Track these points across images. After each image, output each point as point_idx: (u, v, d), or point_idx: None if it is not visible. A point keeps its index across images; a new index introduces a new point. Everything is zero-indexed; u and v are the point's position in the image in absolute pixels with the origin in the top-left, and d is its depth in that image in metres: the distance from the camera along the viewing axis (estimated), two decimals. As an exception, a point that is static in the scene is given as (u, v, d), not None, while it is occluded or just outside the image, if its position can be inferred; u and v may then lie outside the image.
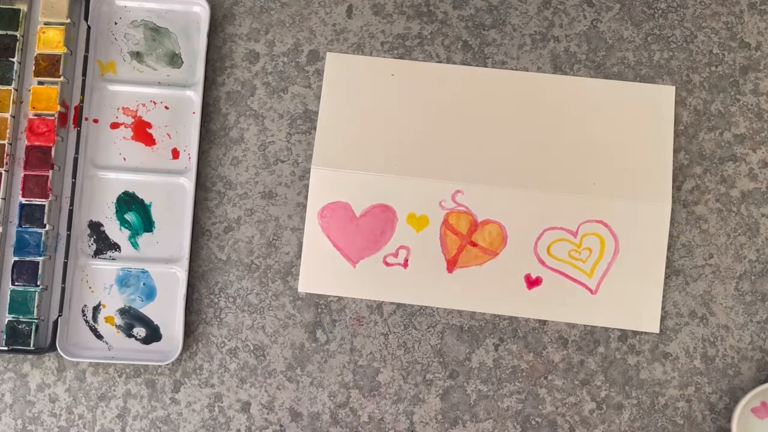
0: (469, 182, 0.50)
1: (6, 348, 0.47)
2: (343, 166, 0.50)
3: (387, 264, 0.49)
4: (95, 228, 0.49)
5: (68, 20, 0.49)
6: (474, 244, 0.49)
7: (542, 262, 0.49)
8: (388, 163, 0.50)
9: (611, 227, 0.49)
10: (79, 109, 0.50)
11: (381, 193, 0.50)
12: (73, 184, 0.49)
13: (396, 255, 0.49)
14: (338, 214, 0.50)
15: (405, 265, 0.49)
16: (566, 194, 0.49)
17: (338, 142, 0.50)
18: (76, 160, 0.49)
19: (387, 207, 0.50)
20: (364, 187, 0.50)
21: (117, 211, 0.50)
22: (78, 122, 0.49)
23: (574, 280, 0.49)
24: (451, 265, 0.49)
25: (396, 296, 0.49)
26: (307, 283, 0.49)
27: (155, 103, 0.50)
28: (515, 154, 0.50)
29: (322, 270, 0.49)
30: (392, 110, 0.50)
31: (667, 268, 0.49)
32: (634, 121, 0.50)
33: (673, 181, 0.50)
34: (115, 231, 0.49)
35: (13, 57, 0.49)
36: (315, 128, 0.51)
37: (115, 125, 0.50)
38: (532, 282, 0.49)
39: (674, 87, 0.50)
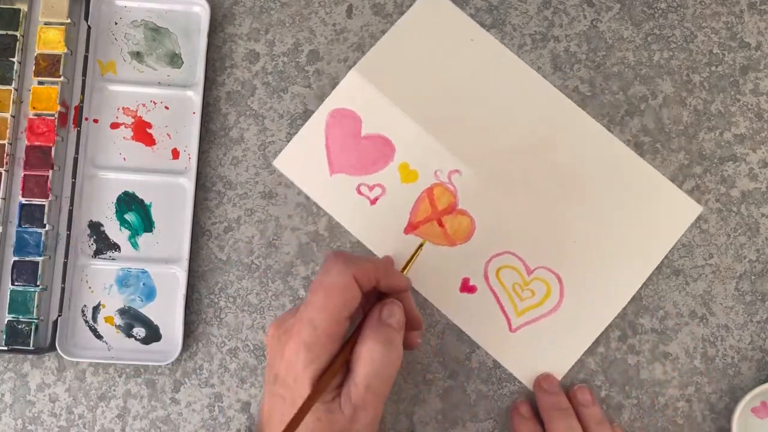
0: (470, 168, 0.49)
1: (6, 348, 0.47)
2: (378, 87, 0.50)
3: (359, 192, 0.49)
4: (95, 228, 0.49)
5: (68, 20, 0.49)
6: (441, 224, 0.49)
7: (486, 277, 0.49)
8: (416, 110, 0.50)
9: (564, 287, 0.48)
10: (79, 109, 0.50)
11: (394, 129, 0.50)
12: (73, 184, 0.49)
13: (371, 189, 0.49)
14: (346, 123, 0.50)
15: (373, 202, 0.49)
16: (545, 234, 0.49)
17: (387, 65, 0.50)
18: (76, 160, 0.49)
19: (390, 143, 0.50)
20: (383, 114, 0.50)
21: (117, 211, 0.50)
22: (78, 122, 0.49)
23: (502, 309, 0.48)
24: (410, 228, 0.49)
25: (349, 224, 0.49)
26: (285, 163, 0.50)
27: (155, 103, 0.50)
28: (524, 172, 0.49)
29: (302, 160, 0.50)
30: (449, 69, 0.50)
31: (667, 268, 0.49)
32: (647, 214, 0.49)
33: (673, 181, 0.50)
34: (115, 231, 0.49)
35: (13, 57, 0.49)
36: (315, 128, 0.51)
37: (115, 125, 0.50)
38: (467, 288, 0.49)
39: (702, 208, 0.49)
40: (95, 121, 0.50)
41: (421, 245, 0.45)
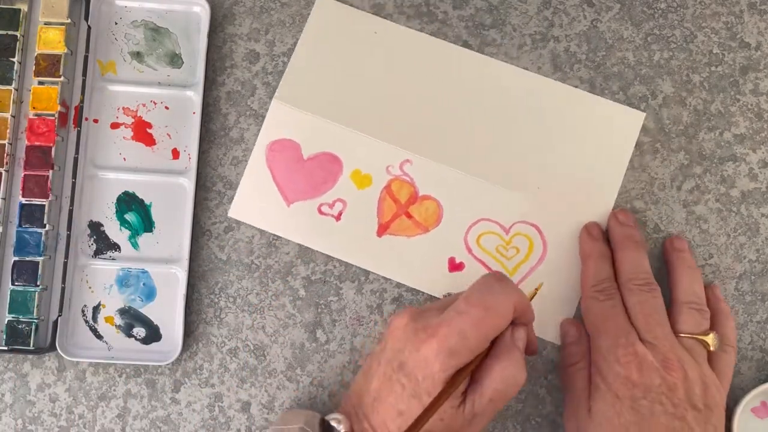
0: (419, 154, 0.50)
1: (6, 348, 0.47)
2: (304, 108, 0.50)
3: (321, 213, 0.49)
4: (95, 228, 0.49)
5: (68, 20, 0.49)
6: (409, 216, 0.49)
7: (469, 249, 0.49)
8: (348, 117, 0.50)
9: (544, 234, 0.49)
10: (79, 109, 0.50)
11: (333, 142, 0.50)
12: (73, 184, 0.49)
13: (332, 206, 0.49)
14: (286, 153, 0.50)
15: (338, 218, 0.49)
16: (508, 190, 0.49)
17: (306, 84, 0.50)
18: (76, 160, 0.49)
19: (335, 157, 0.50)
20: (318, 132, 0.50)
21: (117, 211, 0.50)
22: (78, 122, 0.49)
23: None
24: (382, 229, 0.49)
25: (323, 246, 0.49)
26: (239, 211, 0.50)
27: (155, 103, 0.50)
28: (470, 139, 0.50)
29: (256, 202, 0.50)
30: (365, 67, 0.51)
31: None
32: (595, 137, 0.50)
33: (673, 181, 0.50)
34: (115, 231, 0.49)
35: (14, 57, 0.49)
36: (315, 128, 0.51)
37: (115, 125, 0.50)
38: (455, 266, 0.49)
39: (644, 114, 0.50)
40: (95, 121, 0.50)
41: (537, 288, 0.46)
